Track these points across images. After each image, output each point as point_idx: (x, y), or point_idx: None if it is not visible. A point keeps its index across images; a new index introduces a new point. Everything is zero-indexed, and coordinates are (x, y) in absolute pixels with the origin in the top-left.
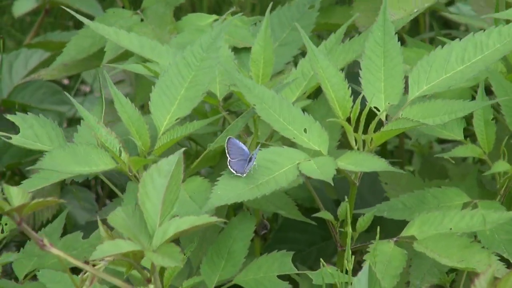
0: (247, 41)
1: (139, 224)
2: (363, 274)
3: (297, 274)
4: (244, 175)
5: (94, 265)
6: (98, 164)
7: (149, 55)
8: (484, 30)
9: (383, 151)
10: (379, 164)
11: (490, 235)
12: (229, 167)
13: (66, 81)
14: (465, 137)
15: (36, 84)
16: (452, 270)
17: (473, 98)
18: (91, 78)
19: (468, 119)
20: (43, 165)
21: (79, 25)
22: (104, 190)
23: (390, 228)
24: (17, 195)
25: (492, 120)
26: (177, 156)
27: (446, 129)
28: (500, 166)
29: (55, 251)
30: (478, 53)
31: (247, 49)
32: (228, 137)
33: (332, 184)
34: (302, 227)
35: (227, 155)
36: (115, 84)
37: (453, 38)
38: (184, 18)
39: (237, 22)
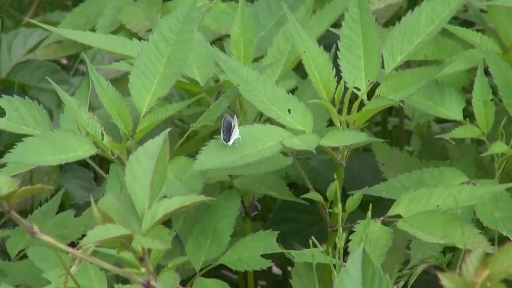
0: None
1: (129, 208)
2: (357, 256)
3: (292, 254)
4: (229, 143)
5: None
6: (77, 150)
7: (121, 50)
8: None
9: (383, 132)
10: (359, 137)
11: (489, 213)
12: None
13: (64, 61)
14: (464, 117)
15: (35, 64)
16: (450, 250)
17: (471, 81)
18: (90, 57)
19: (468, 99)
20: (12, 158)
21: (77, 4)
22: (102, 170)
23: (386, 207)
24: (5, 183)
25: (491, 101)
26: (163, 136)
27: (445, 109)
28: (497, 147)
29: (45, 237)
30: (446, 8)
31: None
32: (225, 115)
33: (314, 152)
34: (301, 207)
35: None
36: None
37: (453, 18)
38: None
39: (224, 8)
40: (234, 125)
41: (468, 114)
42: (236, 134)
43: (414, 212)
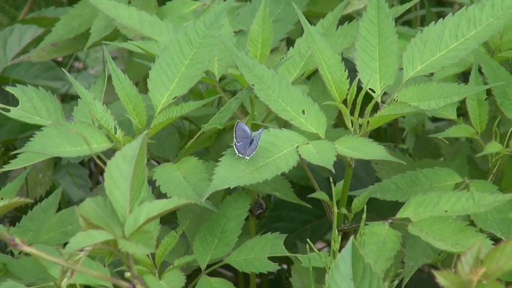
0: (232, 25)
1: (110, 213)
2: (346, 251)
3: (298, 258)
4: (247, 157)
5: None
6: (91, 143)
7: (148, 31)
8: (477, 4)
9: (377, 130)
10: (379, 152)
11: (483, 215)
12: (235, 147)
13: (60, 58)
14: (458, 116)
15: (30, 60)
16: None
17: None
18: (84, 55)
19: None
20: (31, 147)
21: (72, 1)
22: (97, 167)
23: (384, 207)
24: None
25: (485, 100)
26: (140, 140)
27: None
28: (493, 147)
29: (27, 249)
30: (471, 29)
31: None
32: (236, 121)
33: (333, 171)
34: (296, 205)
35: (234, 138)
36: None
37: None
38: (168, 3)
39: None
40: (252, 138)
41: (461, 113)
42: (255, 146)
43: (423, 217)
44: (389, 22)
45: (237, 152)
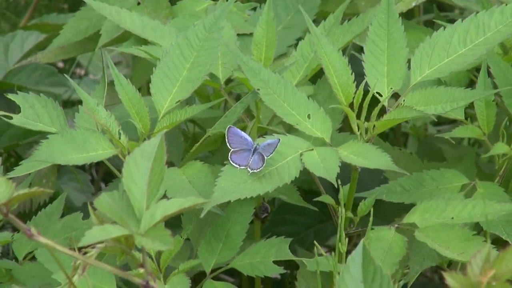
0: (241, 28)
1: (126, 209)
2: (357, 253)
3: (304, 262)
4: (250, 170)
5: (86, 252)
6: (97, 149)
7: (151, 36)
8: (486, 10)
9: (379, 135)
10: (384, 161)
11: None
12: (230, 160)
13: (61, 64)
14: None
15: (32, 66)
16: None
17: (471, 80)
18: (86, 61)
19: None
20: (40, 156)
21: (73, 7)
22: (98, 173)
23: (388, 211)
24: (1, 185)
25: (493, 101)
26: (159, 137)
27: None
28: (499, 148)
29: (43, 240)
30: (480, 35)
31: (241, 35)
32: (228, 126)
33: (336, 185)
34: (299, 209)
35: (228, 145)
36: None
37: (449, 21)
38: (179, 2)
39: (232, 8)
40: (256, 148)
41: (467, 116)
42: (263, 159)
43: (429, 222)
44: (398, 26)
45: (235, 165)
